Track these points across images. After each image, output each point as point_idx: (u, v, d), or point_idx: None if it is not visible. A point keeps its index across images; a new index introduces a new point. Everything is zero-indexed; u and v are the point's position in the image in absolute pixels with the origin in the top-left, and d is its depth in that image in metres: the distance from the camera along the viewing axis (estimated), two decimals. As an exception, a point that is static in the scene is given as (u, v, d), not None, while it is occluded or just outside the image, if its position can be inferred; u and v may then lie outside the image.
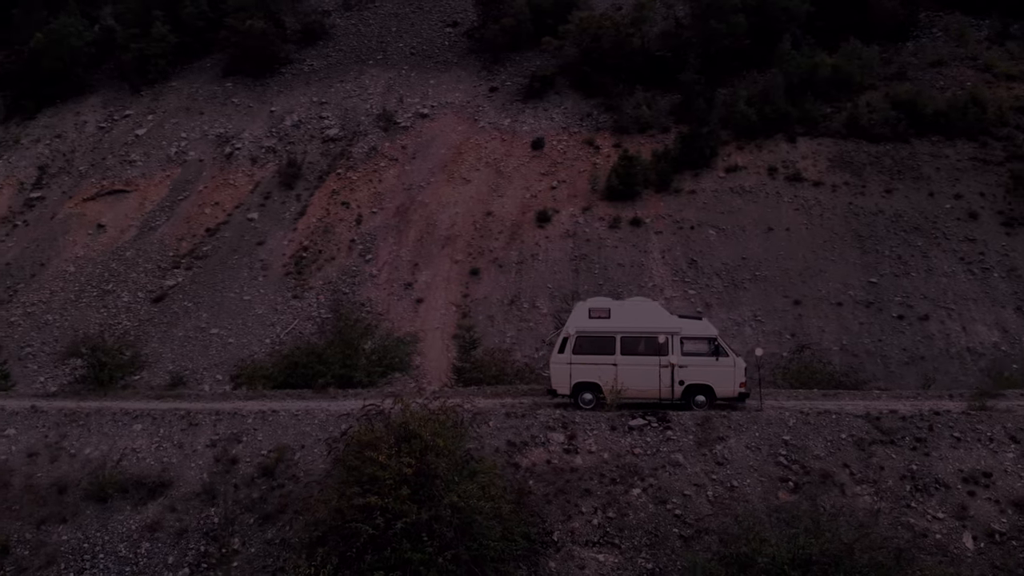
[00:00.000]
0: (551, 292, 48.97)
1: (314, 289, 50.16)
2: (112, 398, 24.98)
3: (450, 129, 60.70)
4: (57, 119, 67.87)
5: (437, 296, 49.11)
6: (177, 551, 19.01)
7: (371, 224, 54.49)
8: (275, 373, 28.53)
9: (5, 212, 61.15)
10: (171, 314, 49.93)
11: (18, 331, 50.41)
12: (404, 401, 18.93)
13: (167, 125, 64.95)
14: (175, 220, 57.27)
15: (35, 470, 21.49)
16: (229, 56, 69.56)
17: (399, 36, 70.76)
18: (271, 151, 61.41)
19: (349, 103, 64.41)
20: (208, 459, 21.08)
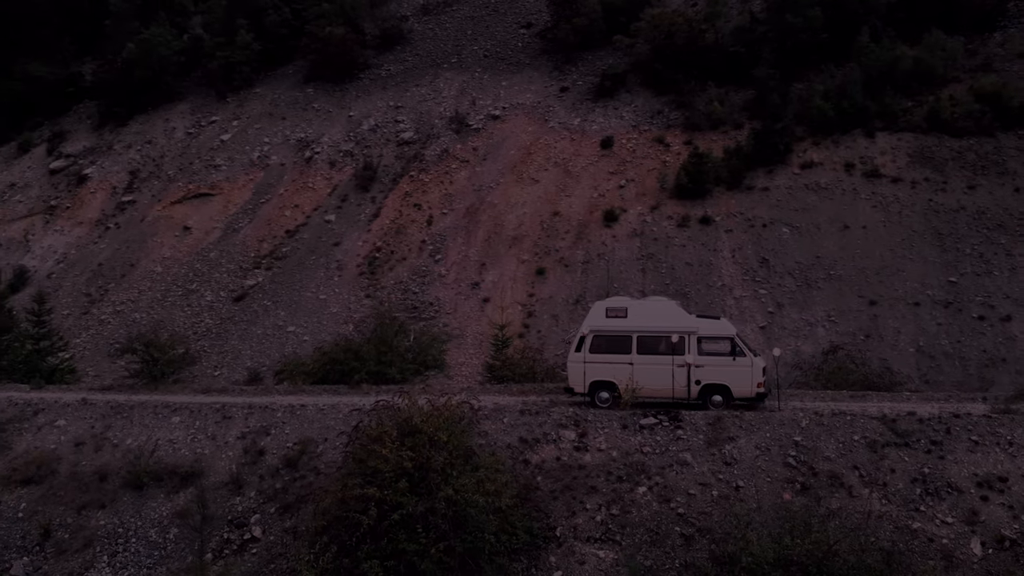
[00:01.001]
0: (617, 292, 48.70)
1: (386, 288, 51.33)
2: (160, 392, 26.43)
3: (520, 130, 61.18)
4: (148, 126, 71.22)
5: (503, 295, 49.58)
6: (198, 538, 20.10)
7: (441, 225, 55.41)
8: (314, 369, 29.61)
9: (99, 215, 64.56)
10: (251, 312, 51.84)
11: (107, 328, 53.17)
12: (411, 397, 19.45)
13: (250, 130, 67.40)
14: (257, 222, 59.40)
15: (80, 458, 22.92)
16: (310, 63, 71.68)
17: (474, 39, 71.70)
18: (349, 155, 63.03)
19: (424, 107, 65.58)
20: (238, 450, 22.11)
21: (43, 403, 25.41)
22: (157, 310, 54.21)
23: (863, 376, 29.74)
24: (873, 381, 28.96)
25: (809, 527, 16.83)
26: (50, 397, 26.49)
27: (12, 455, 23.38)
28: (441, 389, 23.49)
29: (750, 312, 46.72)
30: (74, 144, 72.44)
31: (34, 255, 63.18)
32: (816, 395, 25.22)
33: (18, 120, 76.50)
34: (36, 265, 62.08)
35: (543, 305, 48.95)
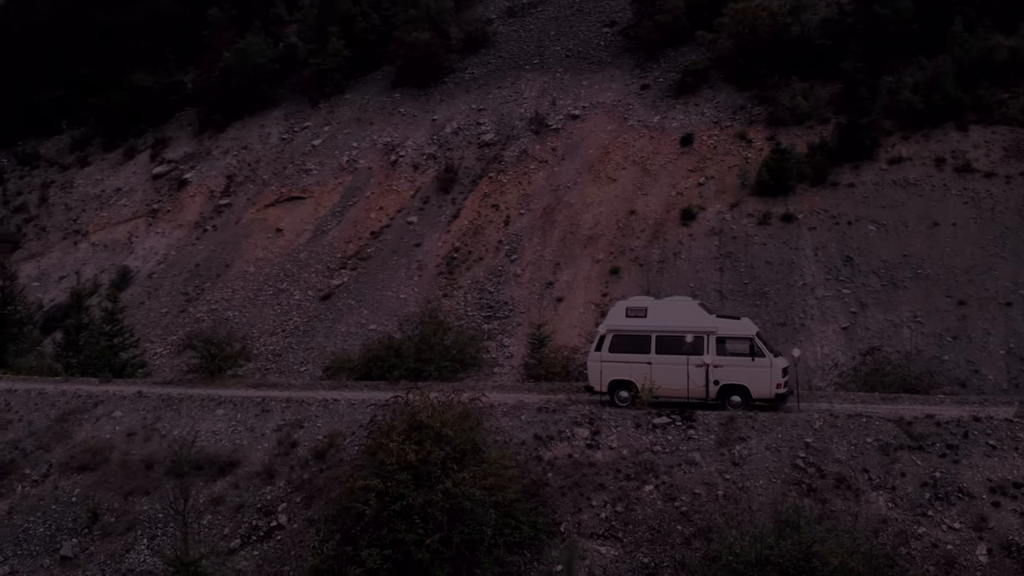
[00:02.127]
0: (692, 292, 48.19)
1: (463, 288, 52.27)
2: (211, 386, 27.93)
3: (599, 129, 61.22)
4: (244, 131, 74.36)
5: (577, 295, 49.80)
6: (233, 524, 21.21)
7: (518, 225, 56.00)
8: (359, 365, 30.59)
9: (197, 218, 67.83)
10: (336, 311, 53.61)
11: (202, 326, 55.67)
12: (423, 393, 20.04)
13: (340, 135, 69.55)
14: (344, 224, 61.32)
15: (131, 448, 24.43)
16: (397, 68, 73.37)
17: (557, 39, 72.03)
18: (431, 157, 64.32)
19: (505, 108, 66.32)
20: (273, 442, 23.20)
21: (104, 396, 27.24)
22: (249, 308, 56.64)
23: (901, 378, 28.77)
24: (911, 383, 28.05)
25: (797, 527, 16.59)
26: (113, 390, 28.33)
27: (71, 443, 25.18)
28: (473, 386, 24.01)
29: (832, 312, 45.59)
30: (175, 150, 76.33)
31: (137, 256, 66.90)
32: (846, 397, 24.65)
33: (125, 128, 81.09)
34: (139, 266, 65.72)
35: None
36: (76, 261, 70.67)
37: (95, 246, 71.22)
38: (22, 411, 27.36)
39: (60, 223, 75.51)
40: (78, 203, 76.84)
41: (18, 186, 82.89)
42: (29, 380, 31.40)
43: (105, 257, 69.57)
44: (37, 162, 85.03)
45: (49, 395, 27.86)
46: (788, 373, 23.73)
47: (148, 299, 61.84)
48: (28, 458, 25.01)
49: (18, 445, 25.73)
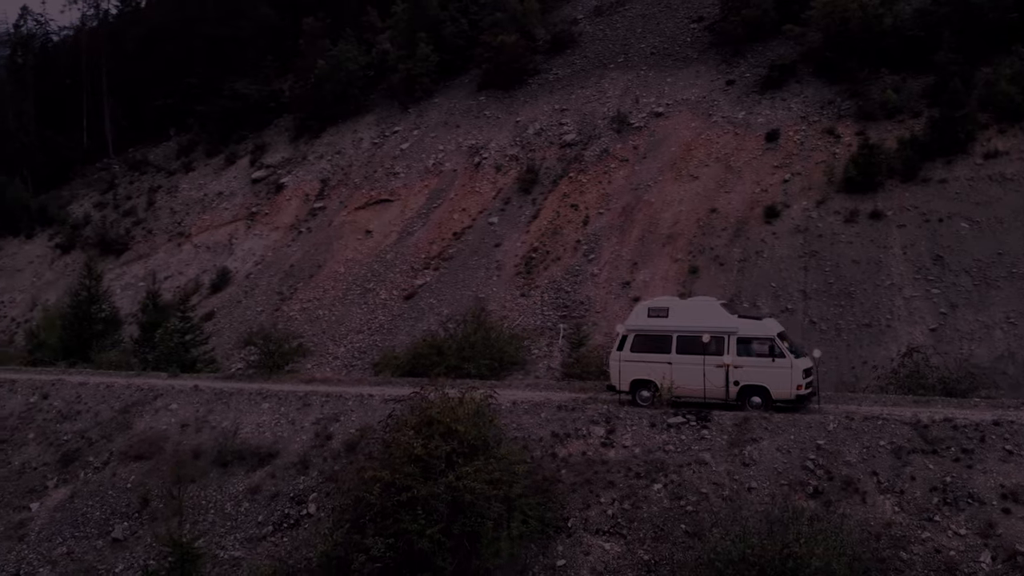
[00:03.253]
0: (775, 291, 47.40)
1: (539, 288, 52.64)
2: (263, 380, 29.22)
3: (683, 126, 60.58)
4: (338, 137, 76.80)
5: (654, 295, 49.01)
6: (267, 511, 22.22)
7: (597, 225, 56.00)
8: (404, 362, 31.32)
9: (293, 220, 70.49)
10: (417, 310, 54.86)
11: (294, 324, 57.98)
12: (439, 390, 20.55)
13: (426, 139, 71.03)
14: (429, 225, 62.64)
15: (183, 438, 25.81)
16: (483, 71, 74.37)
17: (643, 37, 71.66)
18: (514, 159, 64.99)
19: (587, 108, 66.39)
20: (310, 435, 24.15)
21: (164, 389, 28.92)
22: (338, 307, 58.54)
23: (941, 380, 27.49)
24: (952, 385, 26.83)
25: (785, 528, 16.25)
26: (174, 384, 29.97)
27: (131, 434, 26.85)
28: (511, 383, 24.37)
29: (920, 313, 43.92)
30: (273, 155, 79.48)
31: (236, 257, 70.03)
32: (877, 399, 23.85)
33: (227, 134, 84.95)
34: (237, 266, 68.80)
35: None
36: (180, 262, 74.55)
37: (197, 247, 74.92)
38: (91, 402, 29.38)
39: (165, 226, 79.71)
40: (182, 207, 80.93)
41: (128, 191, 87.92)
42: (104, 374, 33.62)
43: (207, 258, 73.09)
44: (146, 168, 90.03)
45: (116, 388, 29.81)
46: (812, 374, 23.38)
47: (245, 298, 64.68)
48: (92, 447, 26.89)
49: (84, 434, 27.67)
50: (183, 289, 70.42)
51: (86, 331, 43.23)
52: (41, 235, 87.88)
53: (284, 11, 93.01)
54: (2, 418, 29.64)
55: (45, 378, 32.48)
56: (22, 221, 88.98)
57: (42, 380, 31.96)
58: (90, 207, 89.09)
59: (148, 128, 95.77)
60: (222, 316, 63.38)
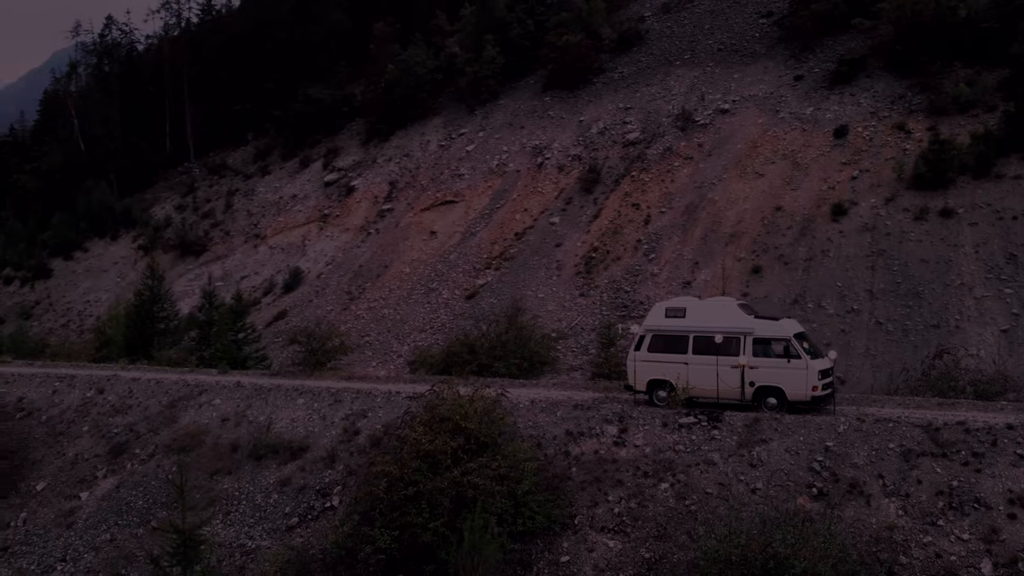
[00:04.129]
0: (840, 291, 46.34)
1: (599, 288, 52.56)
2: (303, 377, 30.02)
3: (749, 123, 59.66)
4: (406, 140, 78.07)
5: (715, 294, 48.70)
6: (294, 503, 22.90)
7: (658, 224, 55.59)
8: (438, 361, 31.74)
9: (363, 222, 71.97)
10: (479, 309, 55.28)
11: (361, 322, 59.31)
12: (452, 387, 20.95)
13: (491, 140, 71.61)
14: (491, 226, 63.18)
15: (222, 432, 26.73)
16: (548, 72, 74.55)
17: (710, 33, 70.80)
18: (576, 158, 65.01)
19: (652, 106, 65.94)
20: (339, 430, 24.75)
21: (209, 385, 30.06)
22: (402, 307, 59.56)
23: (971, 382, 26.37)
24: (983, 388, 25.79)
25: (774, 530, 16.02)
26: (220, 380, 31.06)
27: (176, 427, 27.97)
28: (538, 383, 24.51)
29: (991, 314, 42.39)
30: (345, 159, 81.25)
31: (308, 258, 71.89)
32: (901, 401, 23.17)
33: (301, 139, 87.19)
34: (309, 267, 70.61)
35: (757, 305, 47.15)
36: (256, 263, 76.90)
37: (272, 249, 77.14)
38: (141, 397, 30.76)
39: (242, 227, 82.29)
40: (259, 209, 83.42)
41: (207, 194, 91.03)
42: (157, 370, 35.10)
43: (281, 259, 75.22)
44: (225, 171, 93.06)
45: (165, 384, 31.14)
46: (830, 375, 23.03)
47: (316, 297, 66.34)
48: (140, 439, 28.17)
49: (133, 427, 29.02)
50: (258, 289, 72.84)
51: (148, 329, 45.13)
52: (125, 236, 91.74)
53: (357, 16, 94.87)
54: (61, 411, 31.30)
55: (102, 373, 34.18)
56: (107, 223, 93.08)
57: (99, 375, 33.64)
58: (171, 209, 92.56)
59: (227, 133, 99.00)
60: (294, 315, 65.11)
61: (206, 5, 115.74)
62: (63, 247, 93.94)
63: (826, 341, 43.98)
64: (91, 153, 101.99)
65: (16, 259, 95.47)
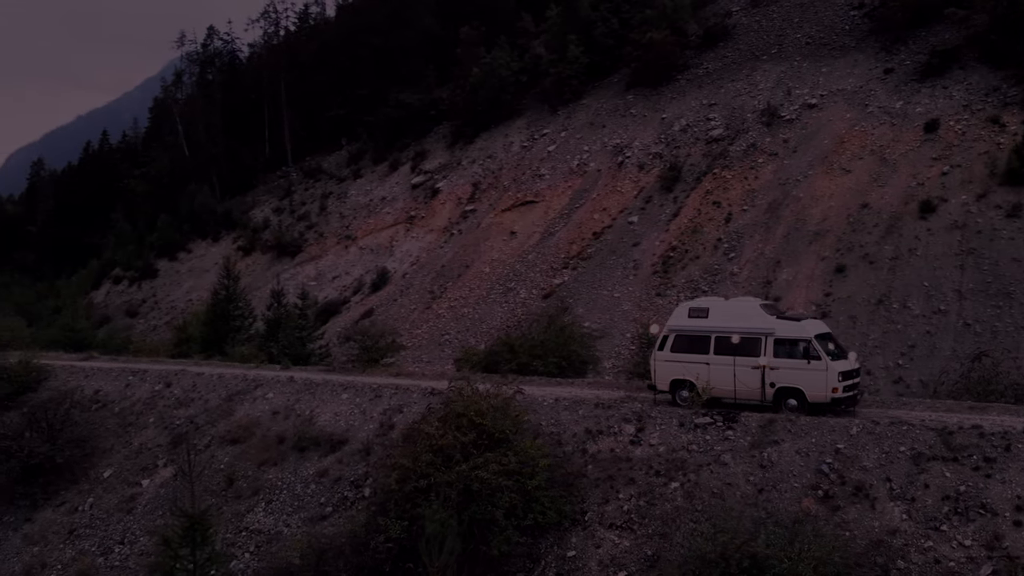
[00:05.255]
0: (927, 291, 44.67)
1: (676, 287, 52.06)
2: (365, 374, 30.83)
3: (837, 118, 58.01)
4: (490, 142, 78.97)
5: (796, 295, 47.77)
6: (329, 493, 23.73)
7: (740, 222, 54.67)
8: (481, 359, 32.14)
9: (446, 223, 73.23)
10: (555, 309, 55.56)
11: (441, 321, 60.44)
12: (470, 384, 21.52)
13: (572, 140, 71.75)
14: (570, 226, 63.36)
15: (272, 425, 27.78)
16: (632, 70, 74.15)
17: (799, 26, 69.15)
18: (657, 157, 64.52)
19: (737, 102, 64.85)
20: (376, 424, 25.43)
21: (265, 380, 31.32)
22: (481, 306, 60.38)
23: (1012, 384, 24.83)
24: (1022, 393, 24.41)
25: (761, 528, 15.74)
26: (277, 375, 32.26)
27: (232, 419, 29.30)
28: (572, 382, 24.62)
29: (1087, 315, 40.19)
30: (431, 162, 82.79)
31: (394, 258, 73.61)
32: (931, 404, 22.33)
33: (391, 142, 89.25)
34: (395, 267, 72.30)
35: (840, 305, 46.30)
36: (346, 263, 79.17)
37: (362, 249, 79.27)
38: (203, 391, 32.34)
39: (335, 229, 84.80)
40: (350, 211, 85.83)
41: (303, 197, 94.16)
42: (221, 365, 36.82)
43: (370, 259, 77.24)
44: (320, 175, 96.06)
45: (226, 378, 32.64)
46: (854, 377, 22.53)
47: (400, 296, 67.88)
48: (198, 431, 29.65)
49: (193, 419, 30.57)
50: (348, 288, 75.03)
51: (223, 326, 47.21)
52: (226, 238, 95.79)
53: (446, 21, 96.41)
54: (131, 403, 33.27)
55: (171, 368, 36.12)
56: (209, 225, 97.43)
57: (168, 370, 35.59)
58: (269, 212, 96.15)
59: (323, 137, 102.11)
60: (380, 313, 66.79)
61: (303, 13, 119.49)
62: (168, 248, 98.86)
63: (911, 343, 42.69)
64: (195, 158, 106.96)
65: (125, 260, 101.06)
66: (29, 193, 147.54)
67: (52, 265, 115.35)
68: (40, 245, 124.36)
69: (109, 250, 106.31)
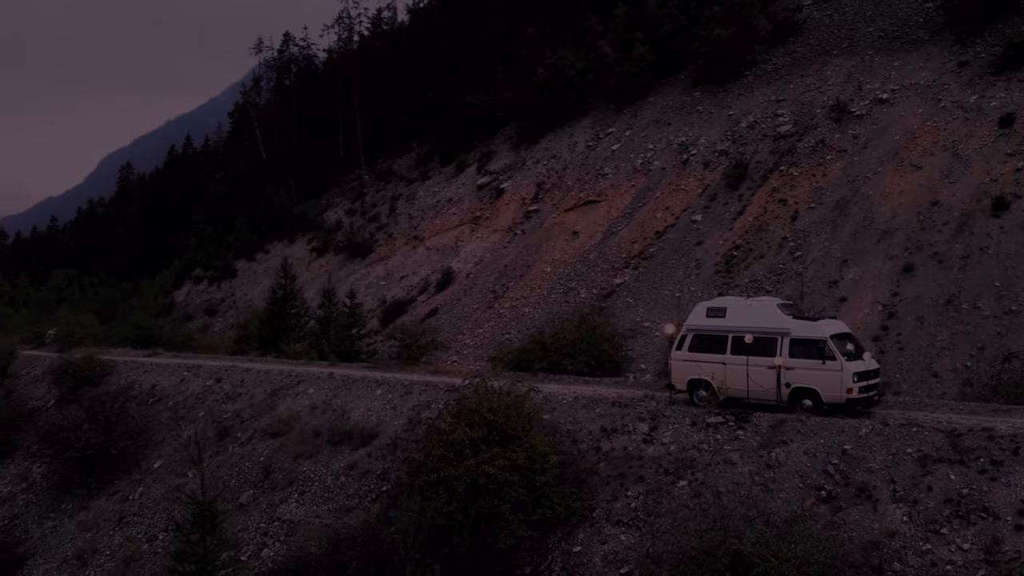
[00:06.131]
0: (998, 292, 42.94)
1: (739, 287, 51.16)
2: (405, 371, 31.37)
3: (908, 113, 56.21)
4: (555, 142, 79.05)
5: (863, 295, 46.51)
6: (357, 485, 24.29)
7: (806, 220, 53.46)
8: (514, 357, 32.18)
9: (510, 223, 73.60)
10: (615, 308, 55.40)
11: (503, 321, 60.81)
12: (484, 381, 21.68)
13: (636, 139, 71.27)
14: (632, 225, 62.96)
15: (310, 419, 28.47)
16: (699, 67, 73.26)
17: (872, 19, 67.24)
18: (723, 154, 63.58)
19: (806, 98, 63.43)
20: (404, 419, 25.79)
21: (307, 375, 32.13)
22: (541, 305, 60.51)
23: None
24: None
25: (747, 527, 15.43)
26: (321, 371, 33.02)
27: (273, 414, 30.23)
28: (600, 381, 24.53)
29: None
30: (497, 162, 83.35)
31: (459, 258, 74.35)
32: (953, 406, 21.55)
33: (459, 144, 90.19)
34: (460, 267, 73.03)
35: (908, 306, 44.88)
36: (414, 263, 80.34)
37: (429, 250, 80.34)
38: (250, 386, 33.38)
39: (404, 230, 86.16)
40: (418, 212, 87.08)
41: (374, 199, 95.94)
42: (269, 362, 37.92)
43: (436, 259, 78.21)
44: (390, 177, 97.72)
45: (272, 374, 33.64)
46: (869, 378, 22.07)
47: (464, 296, 68.55)
48: (243, 424, 30.64)
49: (239, 414, 31.63)
50: (415, 288, 76.12)
51: (279, 325, 48.59)
52: (301, 239, 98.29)
53: (515, 23, 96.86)
54: (184, 398, 34.58)
55: (223, 364, 37.42)
56: (285, 227, 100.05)
57: (220, 366, 36.88)
58: (342, 214, 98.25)
59: (394, 141, 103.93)
60: (443, 312, 67.60)
61: (375, 19, 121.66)
62: (246, 249, 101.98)
63: (980, 344, 41.13)
64: (272, 162, 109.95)
65: (206, 260, 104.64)
66: (118, 196, 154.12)
67: (138, 265, 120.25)
68: (127, 246, 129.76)
69: (190, 251, 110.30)
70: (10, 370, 45.10)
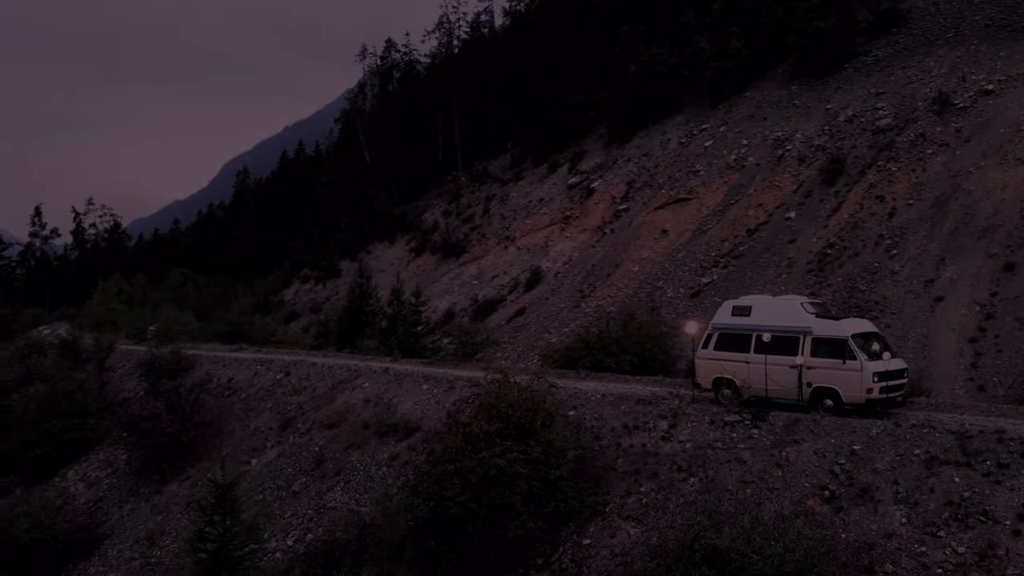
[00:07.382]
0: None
1: (831, 287, 49.45)
2: (458, 367, 31.85)
3: (1015, 104, 53.10)
4: (647, 140, 78.25)
5: (960, 294, 44.20)
6: (395, 476, 24.89)
7: (904, 217, 51.18)
8: (561, 355, 32.06)
9: (599, 222, 73.30)
10: (700, 308, 54.26)
11: (588, 320, 60.50)
12: (506, 377, 21.82)
13: (730, 135, 69.80)
14: (723, 223, 61.68)
15: (362, 412, 29.31)
16: (797, 60, 71.24)
17: (979, 8, 63.90)
18: (820, 149, 61.58)
19: (907, 90, 60.76)
20: (445, 413, 26.21)
21: (365, 370, 33.01)
22: (627, 305, 59.91)
23: None
24: None
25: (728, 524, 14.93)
26: (378, 366, 33.79)
27: (332, 406, 31.23)
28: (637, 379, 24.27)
29: None
30: (588, 162, 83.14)
31: (549, 258, 74.56)
32: (984, 409, 20.34)
33: (552, 144, 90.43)
34: (549, 266, 73.22)
35: (1008, 306, 42.42)
36: (505, 263, 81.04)
37: (520, 250, 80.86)
38: (314, 380, 34.59)
39: (496, 230, 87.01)
40: (511, 212, 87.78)
41: (469, 200, 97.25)
42: (341, 356, 38.91)
43: (526, 259, 78.68)
44: (486, 179, 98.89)
45: (335, 368, 34.77)
46: (893, 378, 21.40)
47: (552, 295, 68.72)
48: (304, 416, 31.81)
49: (302, 406, 32.78)
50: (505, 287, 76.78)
51: (356, 322, 50.00)
52: (400, 240, 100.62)
53: (609, 21, 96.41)
54: (256, 391, 36.14)
55: (293, 359, 38.87)
56: (386, 228, 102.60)
57: (290, 360, 38.35)
58: (439, 215, 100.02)
59: (490, 142, 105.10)
60: (531, 311, 67.96)
61: (474, 23, 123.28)
62: (350, 249, 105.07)
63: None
64: (375, 165, 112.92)
65: (312, 260, 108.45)
66: (235, 199, 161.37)
67: (252, 265, 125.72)
68: (242, 247, 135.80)
69: (299, 251, 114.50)
70: (107, 364, 48.08)
